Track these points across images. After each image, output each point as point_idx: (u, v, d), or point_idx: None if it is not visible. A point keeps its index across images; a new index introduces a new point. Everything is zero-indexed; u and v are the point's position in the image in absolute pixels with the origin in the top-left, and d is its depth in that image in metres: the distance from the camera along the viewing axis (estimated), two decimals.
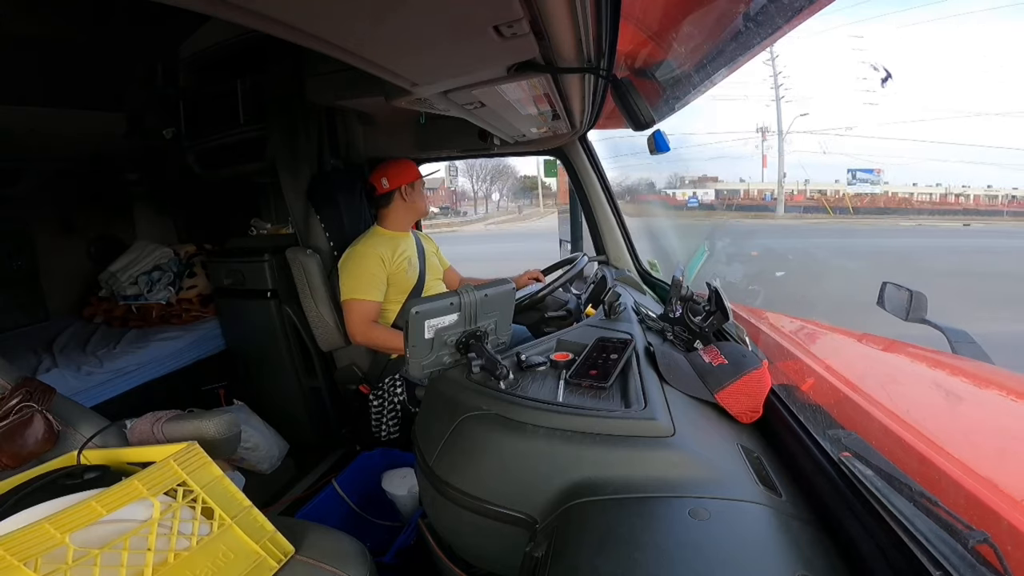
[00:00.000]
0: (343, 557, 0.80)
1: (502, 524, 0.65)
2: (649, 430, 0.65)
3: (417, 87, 0.90)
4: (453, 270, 1.93)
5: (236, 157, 1.78)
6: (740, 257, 2.26)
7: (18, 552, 0.54)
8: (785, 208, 14.43)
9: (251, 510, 0.76)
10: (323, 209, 1.75)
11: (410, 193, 1.67)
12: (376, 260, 1.57)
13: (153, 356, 1.84)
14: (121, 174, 2.26)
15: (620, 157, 2.05)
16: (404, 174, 1.65)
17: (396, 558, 1.23)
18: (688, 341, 1.00)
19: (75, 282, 2.30)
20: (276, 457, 1.76)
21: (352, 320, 1.56)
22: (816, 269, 6.34)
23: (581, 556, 0.51)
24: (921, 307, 1.07)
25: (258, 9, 0.50)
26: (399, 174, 1.65)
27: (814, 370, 0.86)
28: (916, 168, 19.61)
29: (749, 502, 0.57)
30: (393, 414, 1.67)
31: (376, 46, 0.68)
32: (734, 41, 0.92)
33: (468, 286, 0.83)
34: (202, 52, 1.79)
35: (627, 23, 0.84)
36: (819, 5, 0.76)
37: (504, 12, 0.59)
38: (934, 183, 20.01)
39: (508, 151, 2.01)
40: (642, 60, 1.16)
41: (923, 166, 22.97)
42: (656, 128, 1.26)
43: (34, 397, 0.88)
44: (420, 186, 1.70)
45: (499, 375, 0.77)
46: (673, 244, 2.07)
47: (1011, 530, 0.46)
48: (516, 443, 0.67)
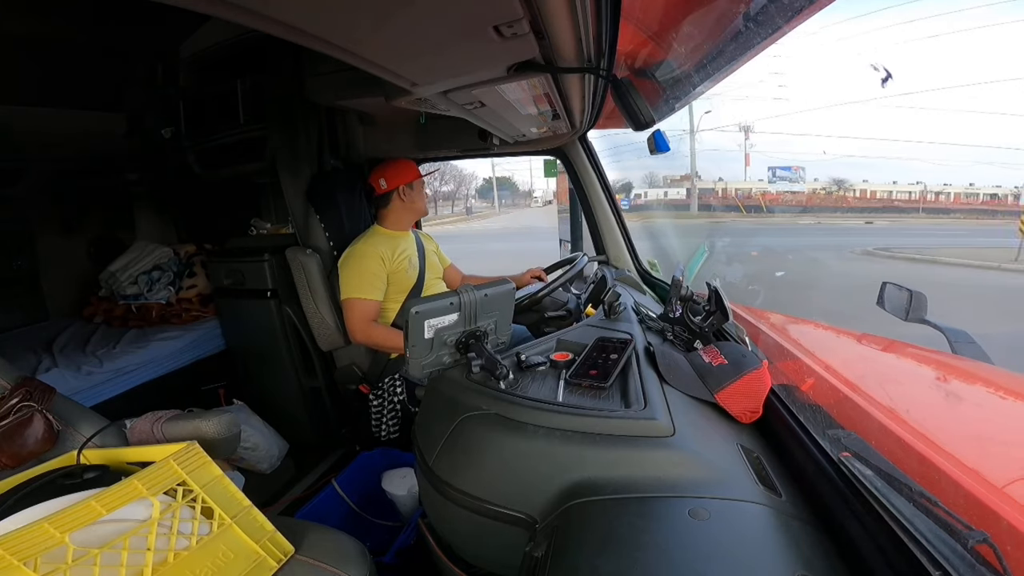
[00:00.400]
0: (343, 557, 0.80)
1: (502, 524, 0.65)
2: (649, 430, 0.65)
3: (417, 87, 0.90)
4: (454, 268, 1.93)
5: (236, 157, 1.78)
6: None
7: (18, 552, 0.54)
8: (699, 207, 14.49)
9: (251, 510, 0.76)
10: (323, 209, 1.75)
11: (408, 193, 1.66)
12: (376, 259, 1.57)
13: (153, 356, 1.84)
14: (121, 174, 2.25)
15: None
16: (402, 174, 1.65)
17: (396, 558, 1.23)
18: (688, 341, 1.00)
19: (75, 282, 2.29)
20: (276, 457, 1.76)
21: (352, 319, 1.56)
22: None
23: (581, 556, 0.51)
24: (921, 307, 1.07)
25: (258, 9, 0.50)
26: (397, 175, 1.65)
27: (814, 370, 0.86)
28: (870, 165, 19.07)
29: (749, 502, 0.57)
30: (393, 414, 1.67)
31: (376, 46, 0.68)
32: (734, 41, 0.92)
33: (468, 286, 0.83)
34: (202, 52, 1.79)
35: (627, 23, 0.84)
36: (819, 5, 0.76)
37: (504, 12, 0.59)
38: (863, 180, 19.62)
39: (508, 151, 2.01)
40: (642, 60, 1.16)
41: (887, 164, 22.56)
42: (656, 128, 1.26)
43: (34, 397, 0.88)
44: (419, 186, 1.70)
45: (499, 375, 0.77)
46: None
47: (1011, 530, 0.46)
48: (516, 443, 0.67)
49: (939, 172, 22.06)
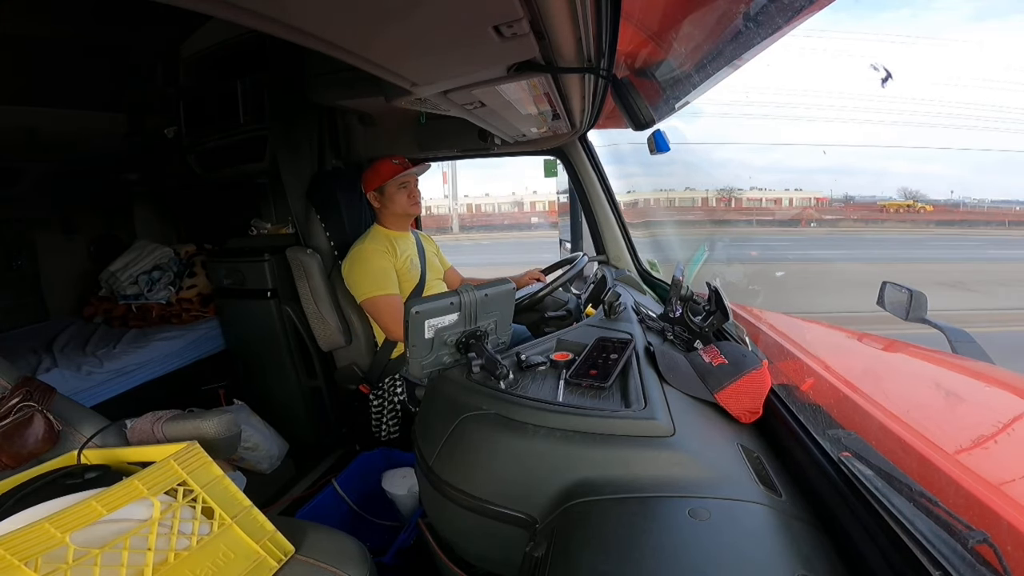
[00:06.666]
0: (343, 557, 0.80)
1: (502, 524, 0.65)
2: (649, 430, 0.65)
3: (417, 87, 0.90)
4: (454, 270, 1.93)
5: (236, 157, 1.78)
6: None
7: (18, 552, 0.54)
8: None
9: (251, 510, 0.76)
10: (323, 209, 1.75)
11: (379, 198, 1.64)
12: (384, 256, 1.57)
13: (153, 356, 1.84)
14: (121, 174, 2.26)
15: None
16: (374, 178, 1.63)
17: (396, 558, 1.23)
18: (688, 341, 1.00)
19: (75, 282, 2.29)
20: (276, 457, 1.76)
21: (383, 317, 1.54)
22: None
23: (581, 556, 0.51)
24: (921, 307, 1.07)
25: (258, 9, 0.50)
26: (370, 178, 1.64)
27: (814, 370, 0.86)
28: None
29: (749, 502, 0.57)
30: (393, 414, 1.67)
31: (376, 46, 0.68)
32: (734, 41, 0.92)
33: (468, 286, 0.83)
34: (203, 52, 1.79)
35: (627, 23, 0.84)
36: (819, 5, 0.76)
37: (504, 12, 0.59)
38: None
39: (508, 151, 2.01)
40: (642, 60, 1.16)
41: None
42: (656, 128, 1.26)
43: (34, 397, 0.88)
44: (395, 186, 1.62)
45: (499, 375, 0.77)
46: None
47: (1011, 530, 0.46)
48: (516, 443, 0.67)
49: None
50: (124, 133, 1.83)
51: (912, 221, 11.78)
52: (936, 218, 12.03)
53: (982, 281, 5.44)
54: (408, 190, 1.65)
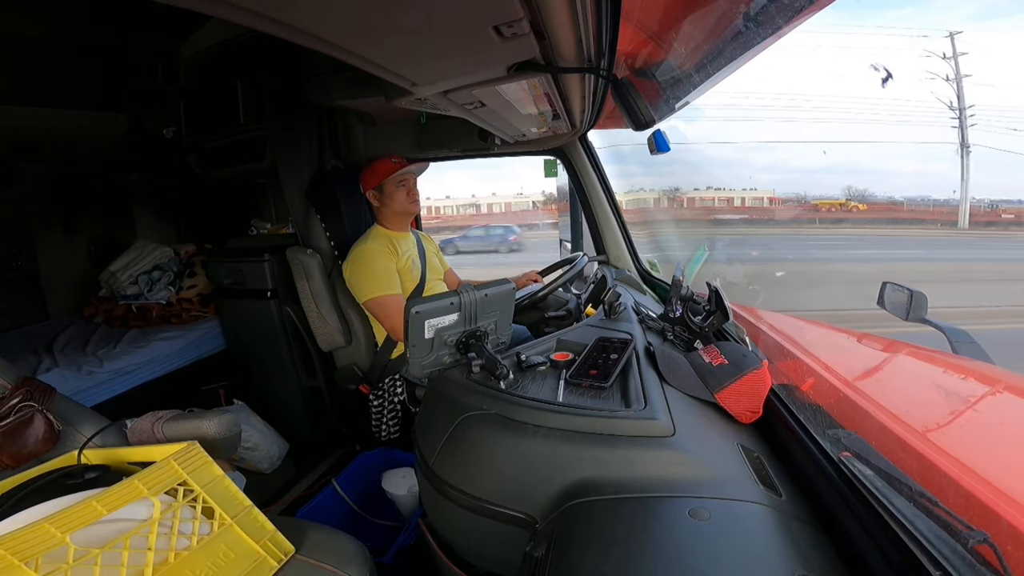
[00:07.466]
0: (343, 557, 0.80)
1: (502, 524, 0.65)
2: (649, 430, 0.65)
3: (417, 87, 0.90)
4: (452, 272, 1.92)
5: (236, 157, 1.78)
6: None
7: (19, 552, 0.54)
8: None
9: (251, 510, 0.76)
10: (323, 209, 1.75)
11: (378, 196, 1.64)
12: (386, 256, 1.57)
13: (153, 356, 1.84)
14: (121, 174, 2.26)
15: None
16: (373, 176, 1.63)
17: (396, 558, 1.23)
18: (688, 341, 1.00)
19: (75, 282, 2.30)
20: (276, 457, 1.76)
21: (388, 317, 1.54)
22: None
23: (581, 556, 0.51)
24: (921, 307, 1.07)
25: (258, 9, 0.50)
26: (369, 177, 1.64)
27: (814, 370, 0.86)
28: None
29: (749, 502, 0.57)
30: (393, 414, 1.67)
31: (376, 46, 0.68)
32: (734, 41, 0.92)
33: (468, 286, 0.83)
34: (203, 52, 1.79)
35: (627, 23, 0.84)
36: (819, 5, 0.76)
37: (504, 12, 0.59)
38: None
39: (508, 151, 2.01)
40: (642, 60, 1.16)
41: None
42: (656, 128, 1.26)
43: (34, 397, 0.88)
44: (393, 183, 1.62)
45: (499, 375, 0.77)
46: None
47: (1011, 530, 0.46)
48: (516, 443, 0.67)
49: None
50: (124, 133, 1.83)
51: (842, 220, 11.60)
52: (868, 216, 11.81)
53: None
54: (407, 188, 1.65)
